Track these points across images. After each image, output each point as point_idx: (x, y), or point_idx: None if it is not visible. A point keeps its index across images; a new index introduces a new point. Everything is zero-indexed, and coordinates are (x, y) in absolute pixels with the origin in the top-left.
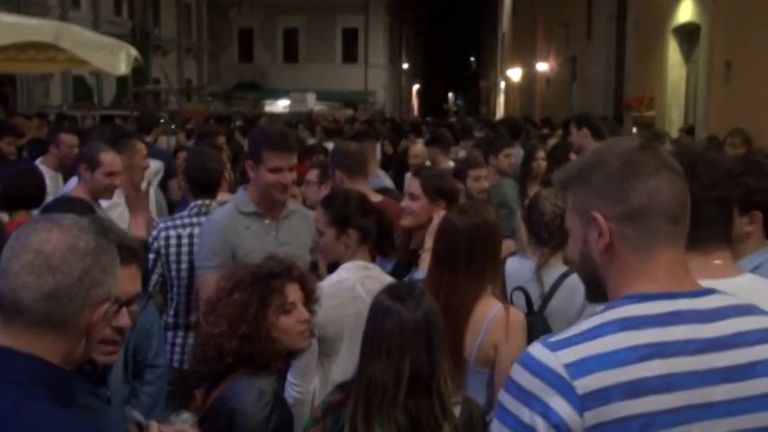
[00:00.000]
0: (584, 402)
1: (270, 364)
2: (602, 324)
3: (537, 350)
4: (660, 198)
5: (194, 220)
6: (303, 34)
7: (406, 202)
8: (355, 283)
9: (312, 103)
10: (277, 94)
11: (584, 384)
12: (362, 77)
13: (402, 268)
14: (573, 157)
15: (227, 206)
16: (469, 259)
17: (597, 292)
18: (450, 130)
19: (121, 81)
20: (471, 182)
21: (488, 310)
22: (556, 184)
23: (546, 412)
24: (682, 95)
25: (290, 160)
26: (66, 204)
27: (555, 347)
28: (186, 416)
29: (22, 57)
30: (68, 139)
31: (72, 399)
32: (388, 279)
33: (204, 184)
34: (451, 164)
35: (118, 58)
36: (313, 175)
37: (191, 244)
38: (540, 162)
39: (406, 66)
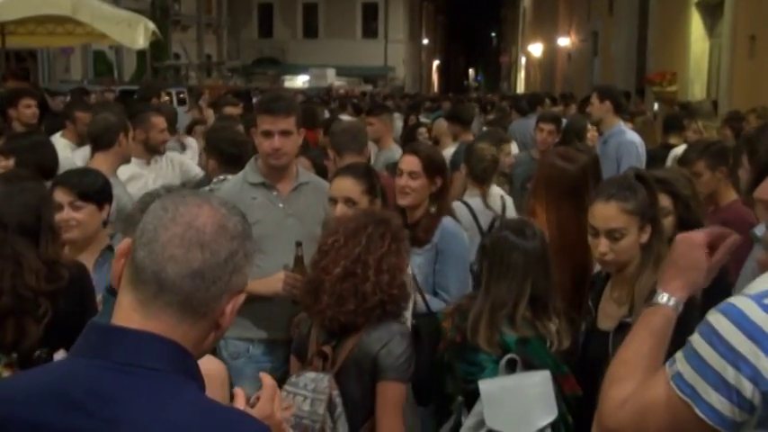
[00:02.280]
0: None
1: (395, 310)
2: None
3: (748, 307)
4: None
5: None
6: (323, 9)
7: (404, 180)
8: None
9: (332, 79)
10: (297, 70)
11: None
12: (382, 53)
13: None
14: (591, 130)
15: (237, 177)
16: (582, 197)
17: None
18: (479, 103)
19: (141, 56)
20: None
21: None
22: None
23: (755, 377)
24: (704, 70)
25: (279, 124)
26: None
27: None
28: (311, 376)
29: (41, 30)
30: (84, 116)
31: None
32: None
33: (237, 158)
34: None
35: (136, 32)
36: None
37: None
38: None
39: (426, 41)
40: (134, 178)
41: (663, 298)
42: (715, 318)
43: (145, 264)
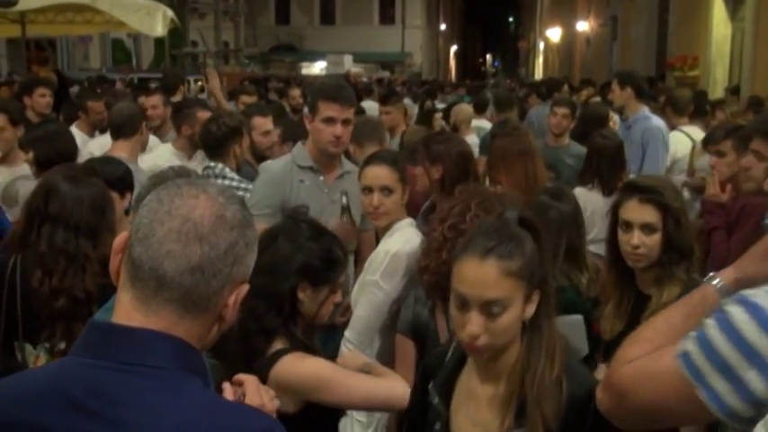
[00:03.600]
0: None
1: None
2: None
3: None
4: None
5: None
6: None
7: (411, 167)
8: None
9: (349, 66)
10: (314, 57)
11: None
12: (399, 39)
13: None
14: (614, 117)
15: (285, 158)
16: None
17: None
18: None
19: (159, 44)
20: None
21: None
22: None
23: None
24: (727, 54)
25: (344, 112)
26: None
27: None
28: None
29: (60, 19)
30: (96, 106)
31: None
32: None
33: (208, 147)
34: (488, 124)
35: (154, 20)
36: None
37: None
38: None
39: (443, 27)
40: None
41: (713, 279)
42: (736, 311)
43: (142, 260)
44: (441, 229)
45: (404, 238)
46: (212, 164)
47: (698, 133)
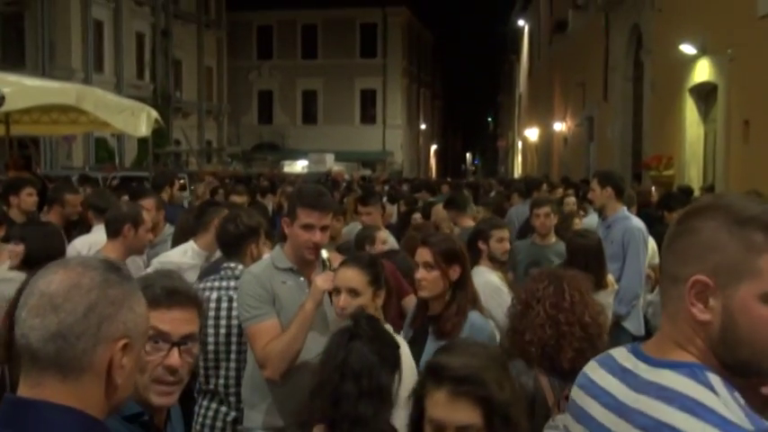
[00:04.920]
0: None
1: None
2: None
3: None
4: None
5: (222, 284)
6: (322, 96)
7: (420, 273)
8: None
9: (331, 164)
10: (296, 155)
11: None
12: (380, 138)
13: (420, 335)
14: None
15: (264, 261)
16: None
17: None
18: (474, 188)
19: (143, 142)
20: (495, 243)
21: None
22: None
23: None
24: (700, 154)
25: (322, 219)
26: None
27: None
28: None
29: (45, 119)
30: (72, 199)
31: None
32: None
33: (226, 246)
34: (472, 223)
35: (139, 120)
36: None
37: (217, 308)
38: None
39: (423, 126)
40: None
41: None
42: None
43: (17, 339)
44: (540, 308)
45: None
46: (232, 264)
47: None
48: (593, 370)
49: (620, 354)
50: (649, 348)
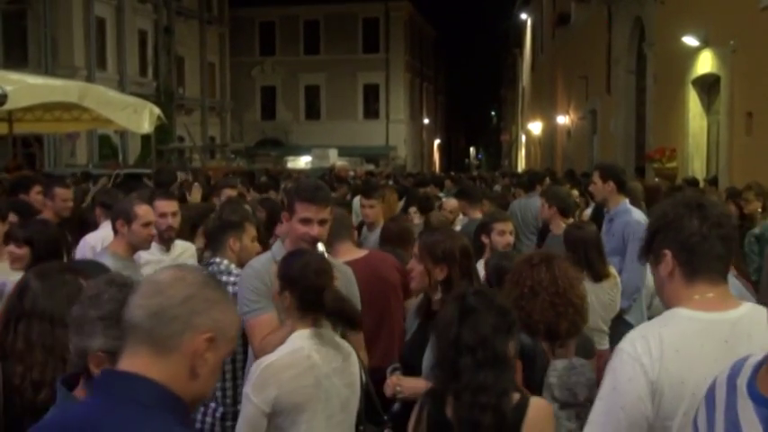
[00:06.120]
0: None
1: None
2: None
3: None
4: None
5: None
6: (324, 91)
7: (411, 263)
8: (310, 351)
9: (334, 159)
10: (299, 151)
11: None
12: (384, 133)
13: (425, 324)
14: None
15: (264, 255)
16: None
17: None
18: (485, 182)
19: (146, 139)
20: (496, 236)
21: None
22: None
23: None
24: (704, 146)
25: (320, 213)
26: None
27: None
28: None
29: (48, 117)
30: (62, 192)
31: (192, 424)
32: (344, 344)
33: (208, 239)
34: (479, 215)
35: (142, 117)
36: None
37: None
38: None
39: (426, 121)
40: (150, 264)
41: None
42: None
43: (126, 318)
44: (545, 294)
45: (287, 347)
46: (217, 259)
47: None
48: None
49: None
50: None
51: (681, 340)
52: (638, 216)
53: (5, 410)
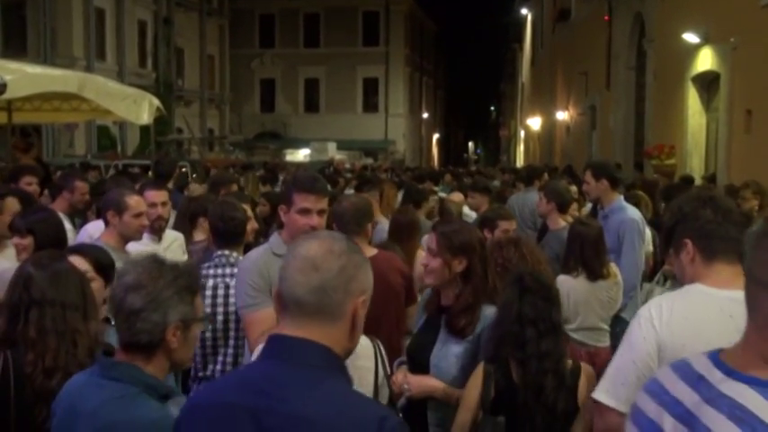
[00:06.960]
0: None
1: None
2: None
3: None
4: None
5: (218, 271)
6: (324, 84)
7: (425, 258)
8: None
9: (333, 152)
10: (298, 144)
11: None
12: (383, 127)
13: (434, 321)
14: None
15: (262, 247)
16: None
17: None
18: (487, 177)
19: (144, 131)
20: (500, 233)
21: None
22: None
23: None
24: (702, 143)
25: (318, 203)
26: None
27: None
28: None
29: (47, 107)
30: (82, 186)
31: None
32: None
33: (224, 234)
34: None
35: (141, 108)
36: None
37: (214, 296)
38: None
39: (425, 115)
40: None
41: None
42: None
43: (285, 293)
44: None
45: None
46: (226, 252)
47: None
48: (666, 376)
49: (698, 361)
50: (730, 358)
51: (690, 309)
52: (633, 213)
53: (17, 398)
